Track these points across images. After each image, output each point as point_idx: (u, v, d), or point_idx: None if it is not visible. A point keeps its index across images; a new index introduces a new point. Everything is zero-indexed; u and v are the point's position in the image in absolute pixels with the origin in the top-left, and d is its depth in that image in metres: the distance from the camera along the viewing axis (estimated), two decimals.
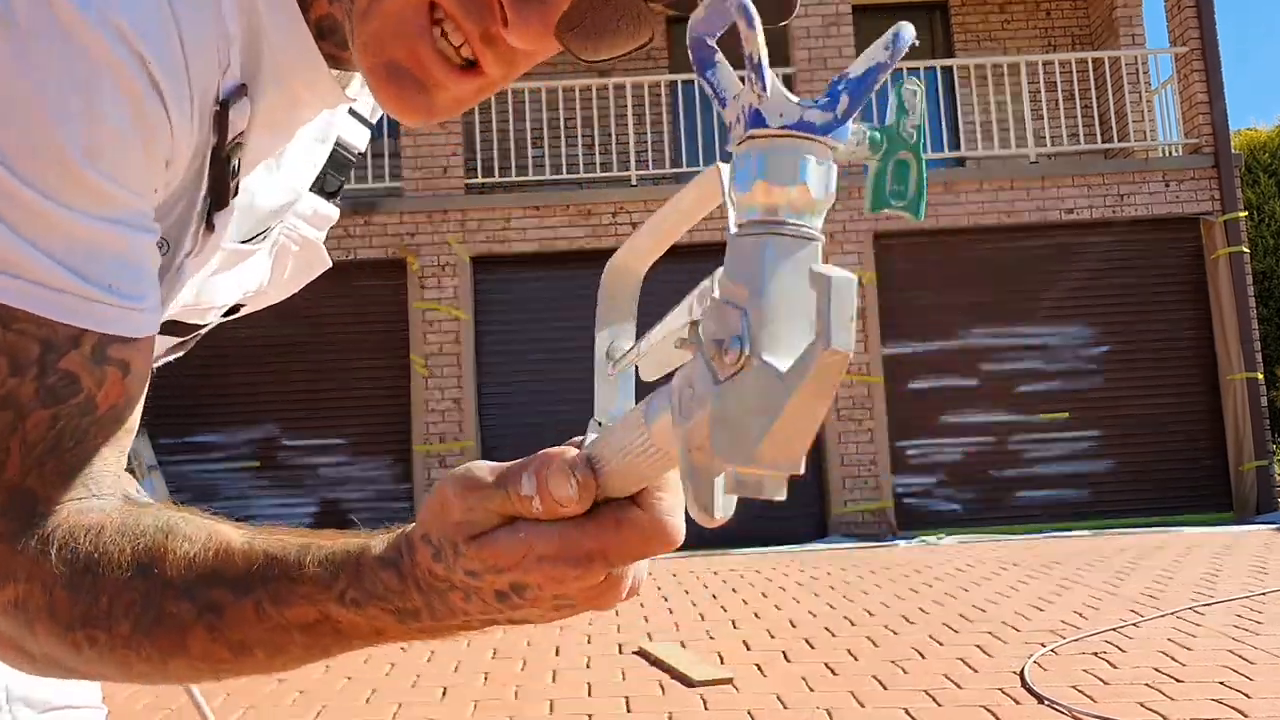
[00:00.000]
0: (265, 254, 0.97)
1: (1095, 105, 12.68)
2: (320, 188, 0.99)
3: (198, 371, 11.02)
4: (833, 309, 0.49)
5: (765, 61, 0.51)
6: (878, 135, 0.59)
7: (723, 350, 0.52)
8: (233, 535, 0.72)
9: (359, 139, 1.01)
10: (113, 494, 0.74)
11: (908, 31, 0.55)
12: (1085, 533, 10.15)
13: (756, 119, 0.52)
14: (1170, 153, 12.12)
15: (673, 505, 0.64)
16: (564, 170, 12.04)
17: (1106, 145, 11.98)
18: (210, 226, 0.83)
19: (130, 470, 0.82)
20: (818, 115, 0.52)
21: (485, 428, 11.03)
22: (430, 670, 4.86)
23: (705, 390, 0.52)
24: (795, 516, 10.93)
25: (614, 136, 12.03)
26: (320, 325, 11.13)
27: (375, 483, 11.13)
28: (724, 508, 0.56)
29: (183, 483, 10.92)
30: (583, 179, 11.88)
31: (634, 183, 11.57)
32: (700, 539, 10.50)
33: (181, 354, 1.08)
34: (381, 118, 0.98)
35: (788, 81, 11.89)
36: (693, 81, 12.09)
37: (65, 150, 0.68)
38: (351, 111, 0.99)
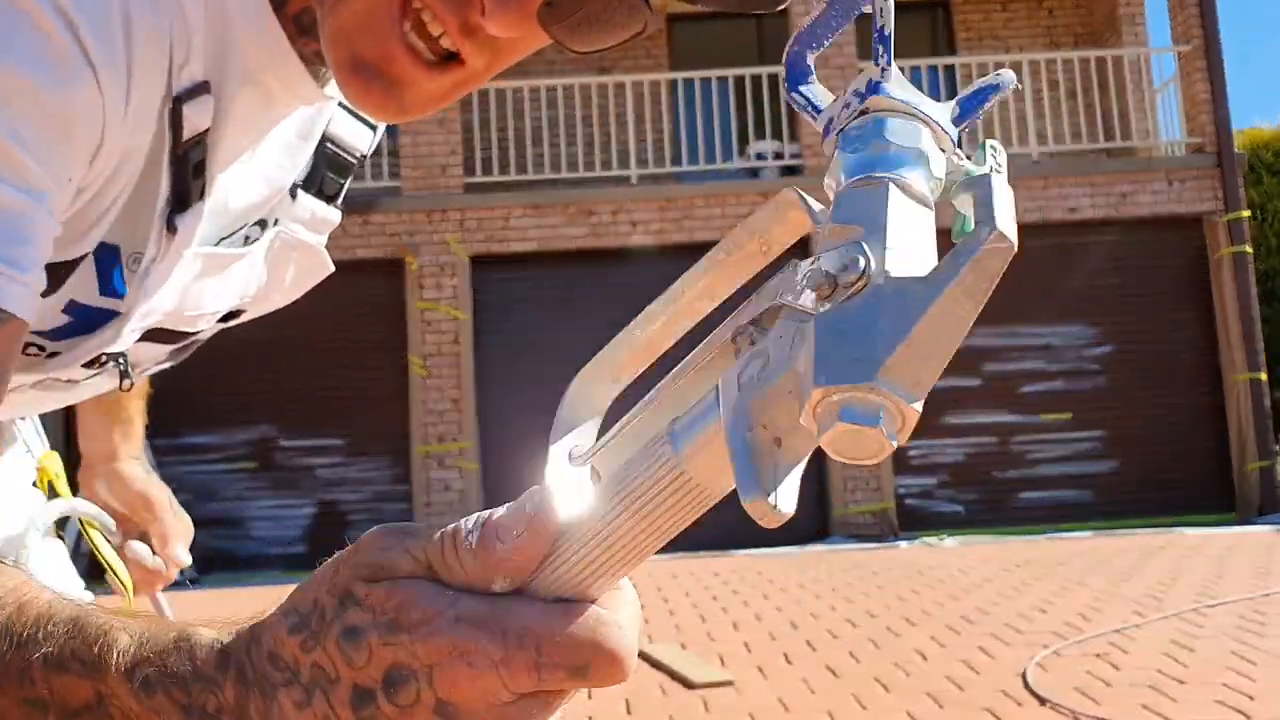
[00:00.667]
0: (259, 258, 0.93)
1: (1098, 104, 12.65)
2: (319, 190, 0.95)
3: (194, 372, 10.99)
4: (996, 200, 0.46)
5: (891, 39, 0.50)
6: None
7: (835, 277, 0.45)
8: (43, 593, 0.59)
9: (360, 140, 0.96)
10: None
11: (1009, 75, 0.54)
12: (1088, 534, 10.14)
13: (876, 89, 0.50)
14: (1173, 152, 12.10)
15: (630, 618, 0.51)
16: (563, 169, 12.02)
17: (1109, 144, 11.96)
18: (172, 229, 0.79)
19: None
20: (931, 105, 0.50)
21: (484, 428, 11.01)
22: None
23: (798, 333, 0.45)
24: (796, 517, 10.87)
25: (614, 135, 12.01)
26: (318, 325, 11.10)
27: (373, 483, 11.12)
28: (788, 499, 0.47)
29: (179, 484, 10.85)
30: (582, 178, 11.87)
31: (634, 181, 11.55)
32: (701, 540, 10.49)
33: (176, 363, 1.04)
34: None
35: None
36: (693, 80, 12.08)
37: None
38: (352, 112, 0.94)
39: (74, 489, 1.30)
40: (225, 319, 0.98)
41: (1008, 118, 12.55)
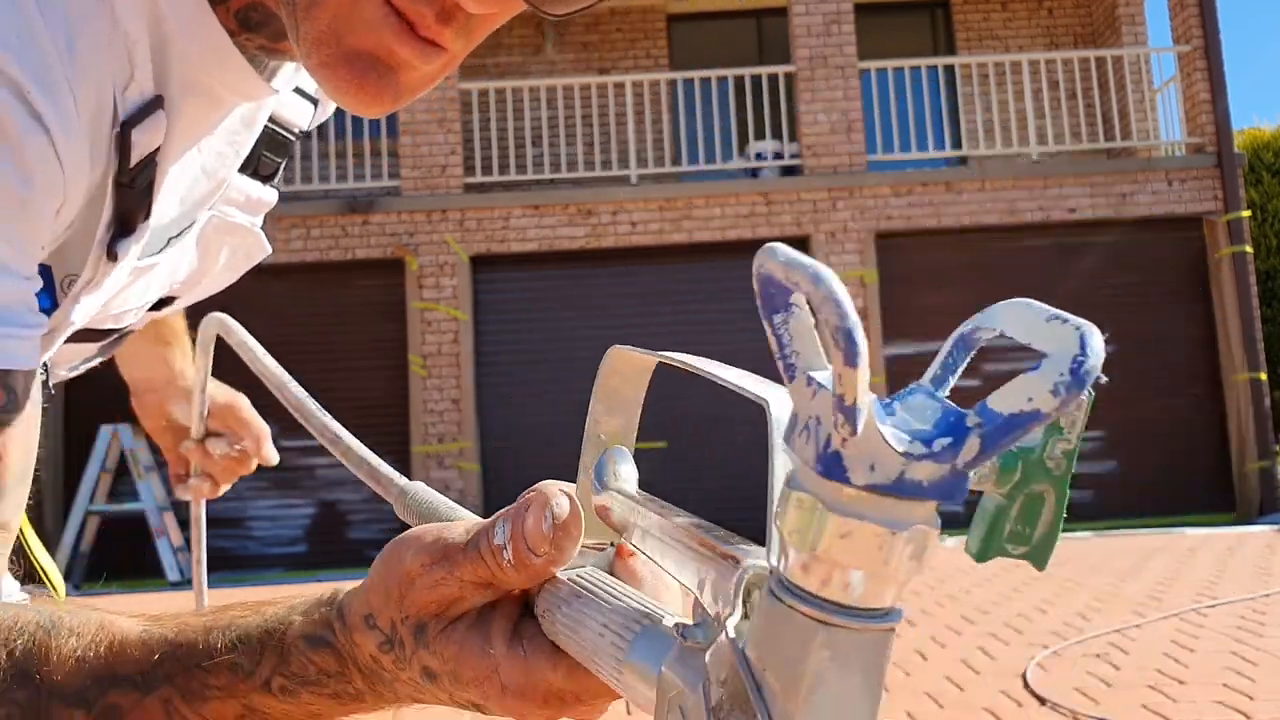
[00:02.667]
0: (189, 244, 0.90)
1: (1098, 104, 12.65)
2: (254, 170, 0.91)
3: None
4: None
5: (865, 385, 0.39)
6: (1013, 462, 0.50)
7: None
8: (126, 625, 0.62)
9: (300, 116, 0.93)
10: None
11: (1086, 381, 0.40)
12: (1088, 534, 10.11)
13: (834, 466, 0.40)
14: (1173, 152, 12.09)
15: None
16: (563, 169, 12.01)
17: (1109, 144, 11.95)
18: (113, 256, 0.76)
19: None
20: (928, 469, 0.40)
21: (484, 428, 11.01)
22: None
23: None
24: None
25: (613, 135, 11.99)
26: (318, 325, 11.11)
27: None
28: None
29: None
30: (582, 178, 11.86)
31: (634, 181, 11.54)
32: None
33: (106, 358, 1.02)
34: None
35: (788, 80, 11.89)
36: (692, 80, 12.08)
37: None
38: (296, 89, 0.91)
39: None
40: (157, 306, 0.95)
41: (1008, 118, 12.55)
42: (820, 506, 0.41)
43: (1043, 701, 3.80)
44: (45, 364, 0.87)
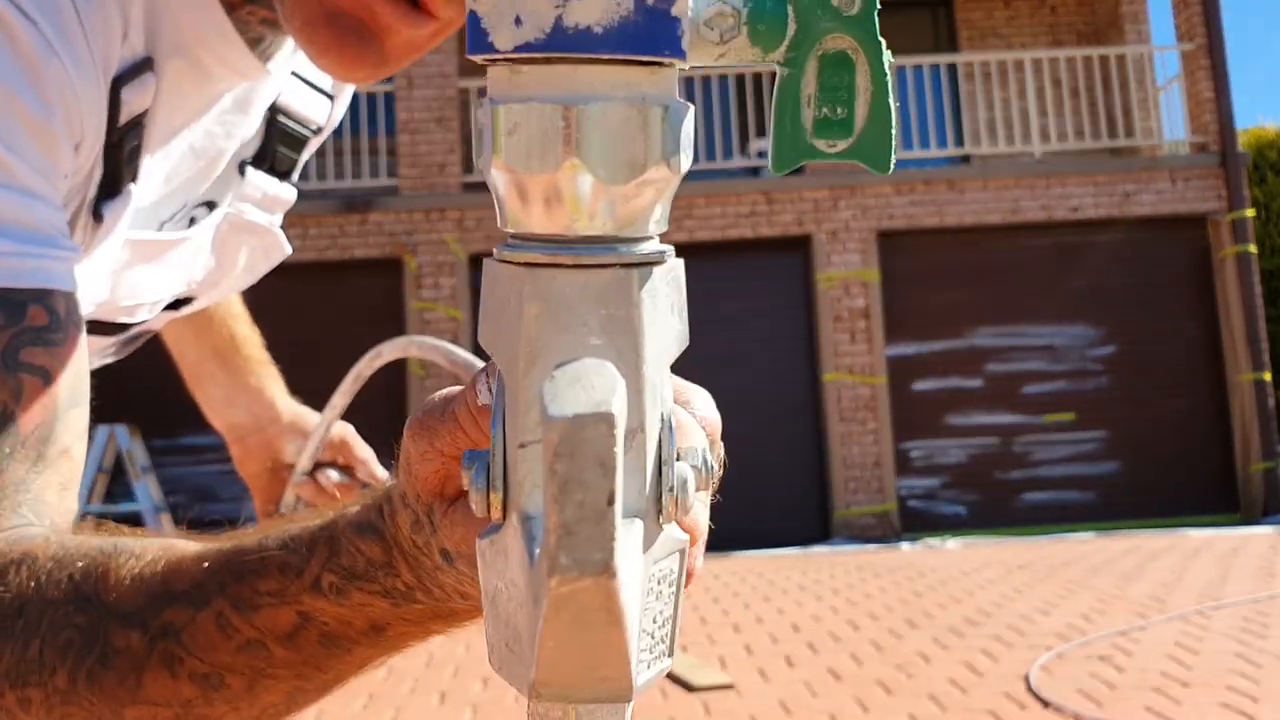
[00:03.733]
0: (204, 243, 0.88)
1: (1101, 102, 12.62)
2: (270, 166, 0.89)
3: None
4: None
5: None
6: (778, 6, 0.34)
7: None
8: (189, 544, 0.59)
9: (316, 112, 0.91)
10: (53, 526, 0.61)
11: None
12: (1091, 535, 10.13)
13: (477, 35, 0.32)
14: (1177, 151, 12.08)
15: None
16: None
17: (1112, 143, 11.93)
18: (98, 217, 0.74)
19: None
20: (596, 7, 0.31)
21: None
22: (428, 675, 4.83)
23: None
24: (797, 519, 10.90)
25: None
26: (316, 324, 11.09)
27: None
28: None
29: (177, 485, 10.89)
30: None
31: None
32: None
33: (123, 356, 0.99)
34: (363, 105, 0.86)
35: None
36: (692, 78, 12.05)
37: None
38: (307, 82, 0.89)
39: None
40: (174, 306, 0.93)
41: (1010, 116, 12.52)
42: (489, 101, 0.32)
43: (1046, 704, 3.80)
44: None
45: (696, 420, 0.46)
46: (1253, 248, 11.23)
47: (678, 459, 0.35)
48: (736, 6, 0.33)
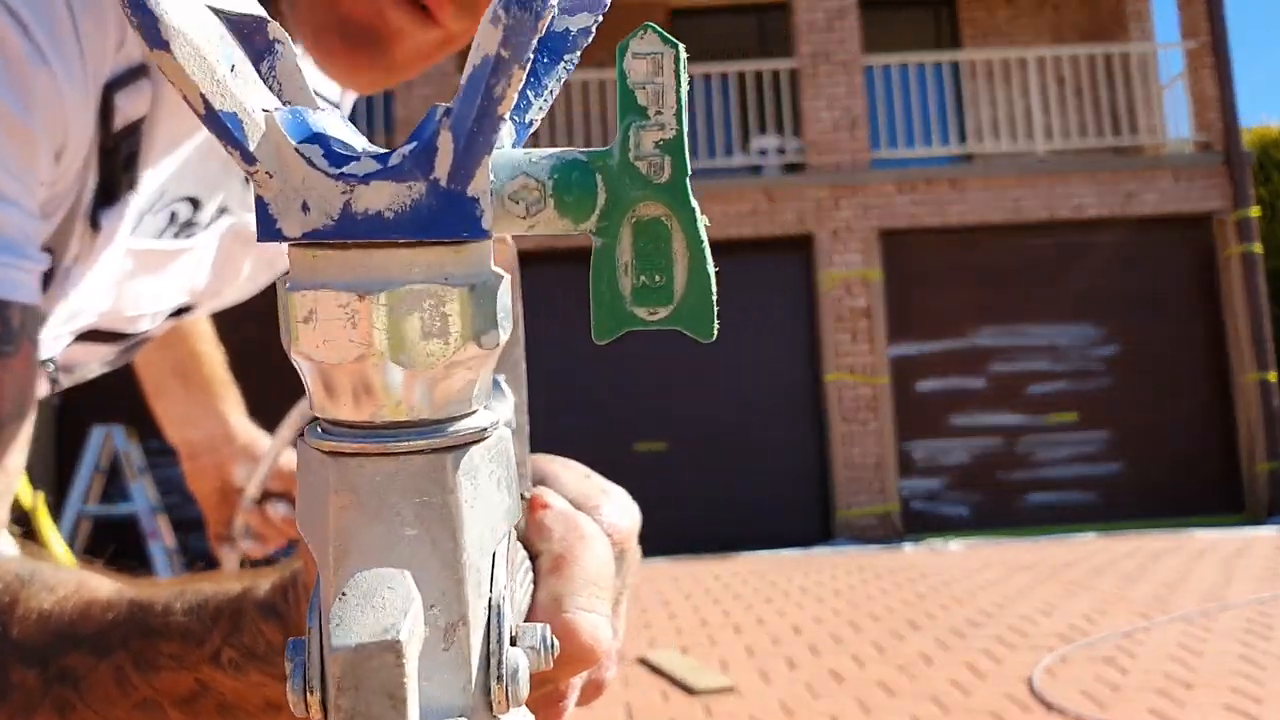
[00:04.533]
0: (208, 253, 0.87)
1: (1104, 101, 12.60)
2: None
3: None
4: None
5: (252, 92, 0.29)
6: (586, 177, 0.32)
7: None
8: (104, 585, 0.57)
9: None
10: None
11: None
12: (1094, 536, 10.12)
13: (265, 222, 0.30)
14: (1181, 149, 12.06)
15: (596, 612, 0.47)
16: None
17: (1116, 141, 11.91)
18: (96, 227, 0.73)
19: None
20: (385, 191, 0.30)
21: None
22: None
23: None
24: (799, 519, 10.89)
25: (614, 132, 11.95)
26: None
27: None
28: None
29: (173, 486, 10.88)
30: None
31: None
32: (701, 542, 10.45)
33: (120, 365, 0.98)
34: (362, 103, 0.85)
35: (791, 76, 11.86)
36: (694, 75, 12.03)
37: None
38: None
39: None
40: (176, 314, 0.92)
41: (1014, 115, 12.50)
42: (285, 286, 0.31)
43: (1049, 707, 3.79)
44: (54, 361, 0.83)
45: (603, 528, 0.45)
46: (1258, 247, 11.21)
47: (512, 643, 0.33)
48: (541, 179, 0.32)
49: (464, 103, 0.29)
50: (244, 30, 0.31)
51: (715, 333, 0.32)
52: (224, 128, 0.28)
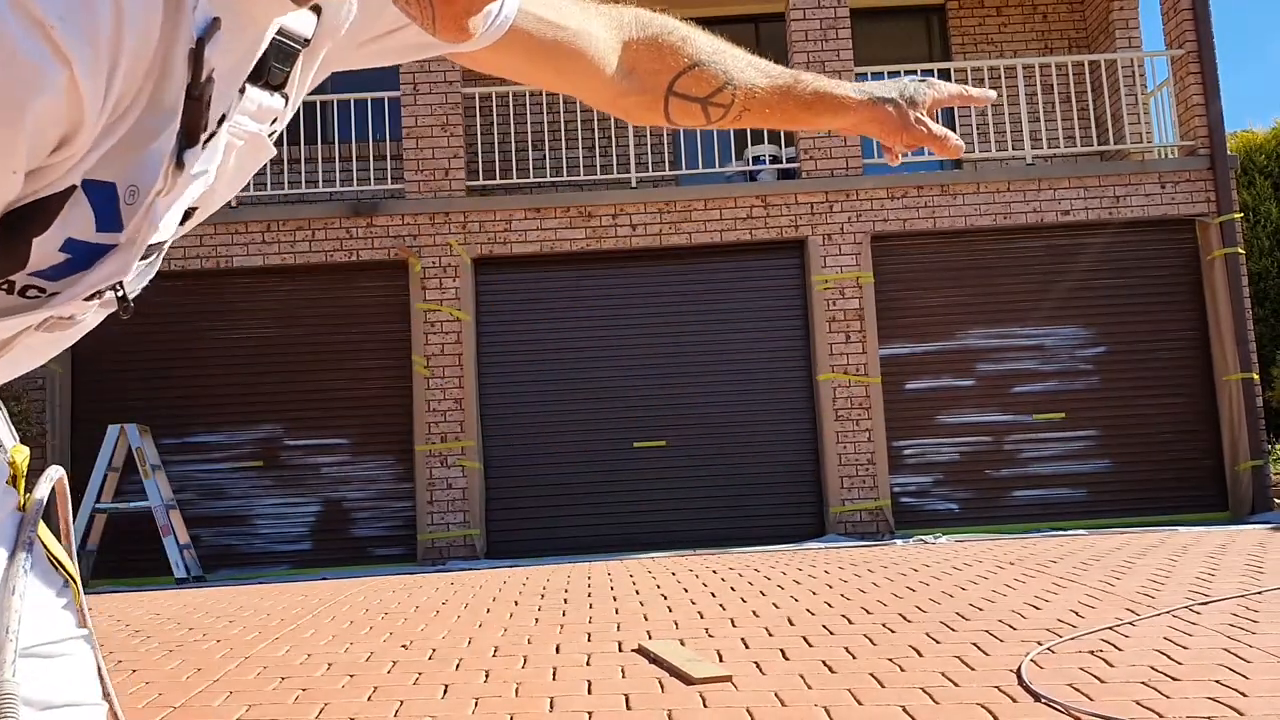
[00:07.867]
0: (216, 156, 0.93)
1: (1091, 108, 12.72)
2: (265, 81, 0.93)
3: (201, 371, 11.05)
4: None
5: None
6: None
7: None
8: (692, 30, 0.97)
9: (304, 25, 0.94)
10: None
11: None
12: (1081, 532, 10.13)
13: None
14: (1166, 155, 12.14)
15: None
16: (564, 172, 12.07)
17: (1103, 147, 12.01)
18: (180, 164, 0.82)
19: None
20: None
21: (486, 427, 11.06)
22: (431, 668, 4.85)
23: None
24: (793, 515, 10.96)
25: (614, 139, 12.05)
26: (323, 326, 11.16)
27: (377, 482, 11.16)
28: None
29: (186, 482, 10.95)
30: (583, 181, 11.91)
31: (634, 184, 11.59)
32: (698, 537, 10.53)
33: (150, 277, 1.02)
34: (370, 111, 0.94)
35: None
36: None
37: None
38: None
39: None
40: (182, 221, 0.98)
41: (1002, 121, 12.61)
42: None
43: (1037, 697, 3.80)
44: (123, 285, 0.89)
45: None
46: (1241, 250, 11.29)
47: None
48: None
49: None
50: None
51: None
52: None
